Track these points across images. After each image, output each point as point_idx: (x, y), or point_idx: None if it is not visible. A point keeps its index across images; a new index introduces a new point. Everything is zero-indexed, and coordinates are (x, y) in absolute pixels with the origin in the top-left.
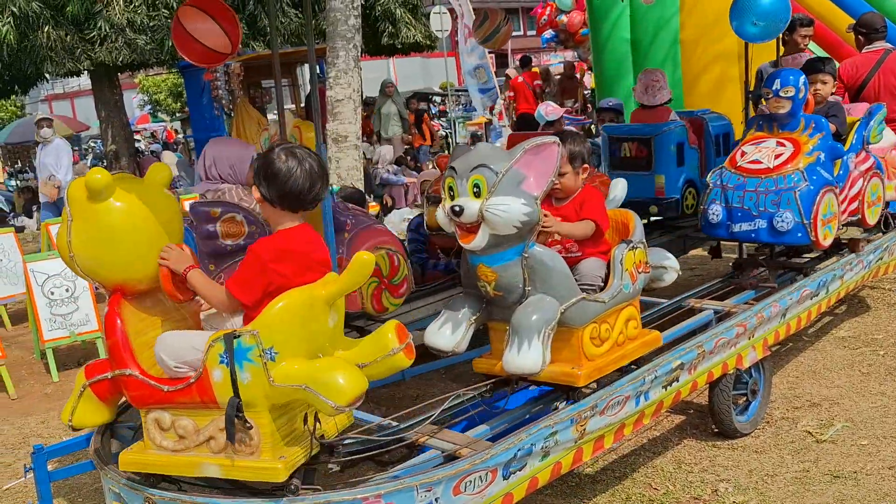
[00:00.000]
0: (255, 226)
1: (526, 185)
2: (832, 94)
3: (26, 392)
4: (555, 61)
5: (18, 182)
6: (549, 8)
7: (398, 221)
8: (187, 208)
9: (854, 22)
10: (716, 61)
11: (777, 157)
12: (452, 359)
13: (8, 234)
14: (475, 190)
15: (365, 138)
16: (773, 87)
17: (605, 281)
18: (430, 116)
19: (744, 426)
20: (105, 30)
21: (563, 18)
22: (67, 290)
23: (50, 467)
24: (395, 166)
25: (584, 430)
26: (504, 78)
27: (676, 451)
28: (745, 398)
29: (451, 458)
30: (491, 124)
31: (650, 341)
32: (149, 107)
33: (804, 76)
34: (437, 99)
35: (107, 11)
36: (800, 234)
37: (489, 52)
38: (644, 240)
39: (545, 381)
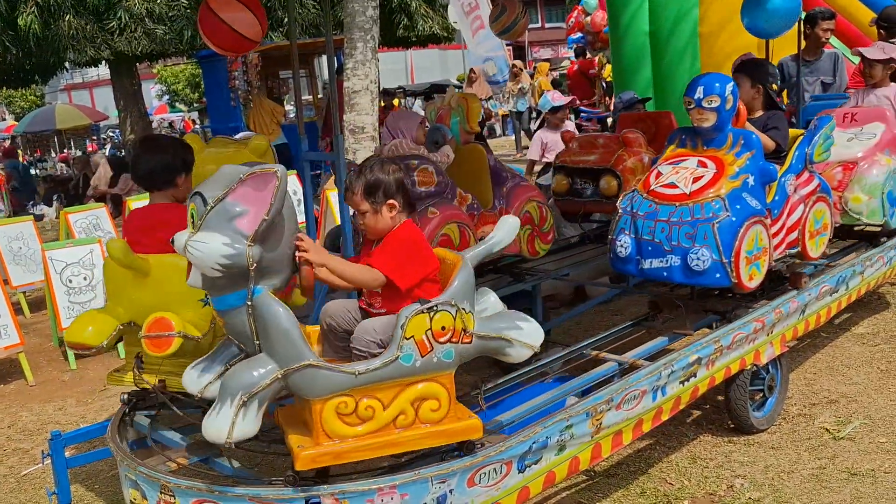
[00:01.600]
0: (442, 176)
1: (240, 222)
2: (754, 98)
3: (44, 379)
4: (572, 54)
5: (38, 171)
6: (576, 11)
7: None
8: None
9: (876, 16)
10: (735, 54)
11: (696, 180)
12: None
13: (27, 223)
14: (191, 220)
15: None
16: (695, 96)
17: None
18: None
19: (760, 422)
20: (125, 19)
21: (588, 19)
22: (86, 279)
23: (67, 454)
24: None
25: (601, 424)
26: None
27: (692, 446)
28: (761, 394)
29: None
30: (508, 116)
31: (458, 432)
32: (167, 97)
33: (732, 83)
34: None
35: (126, 2)
36: (718, 275)
37: (507, 44)
38: (466, 299)
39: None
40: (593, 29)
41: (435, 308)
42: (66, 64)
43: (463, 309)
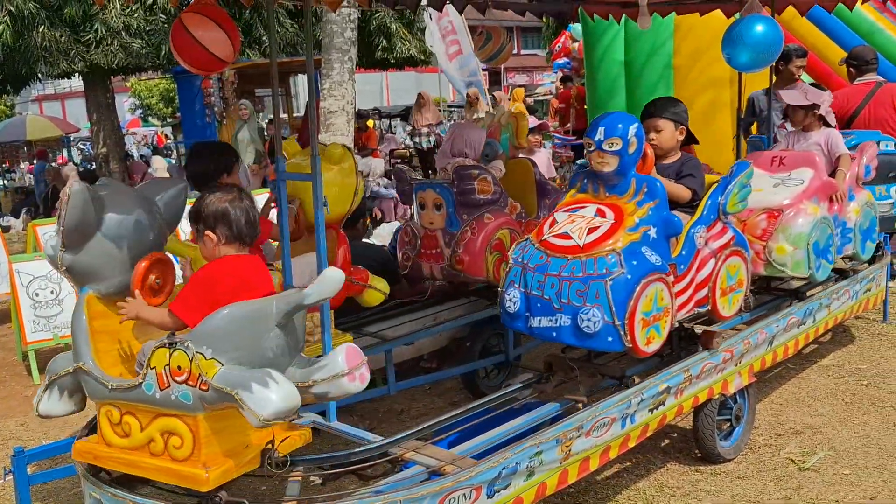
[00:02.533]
0: (498, 186)
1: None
2: (678, 140)
3: (7, 394)
4: (547, 81)
5: (6, 182)
6: (563, 36)
7: (387, 235)
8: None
9: (846, 55)
10: (708, 87)
11: (591, 231)
12: (438, 374)
13: None
14: None
15: (357, 151)
16: (595, 138)
17: None
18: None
19: (727, 451)
20: (101, 32)
21: (575, 45)
22: (52, 293)
23: (30, 471)
24: (386, 179)
25: (570, 450)
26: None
27: (659, 474)
28: (729, 424)
29: (435, 474)
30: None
31: (184, 477)
32: (139, 111)
33: (637, 124)
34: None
35: (103, 14)
36: (610, 339)
37: (484, 70)
38: (210, 345)
39: None
40: (580, 56)
41: (174, 345)
42: (39, 75)
43: (200, 353)
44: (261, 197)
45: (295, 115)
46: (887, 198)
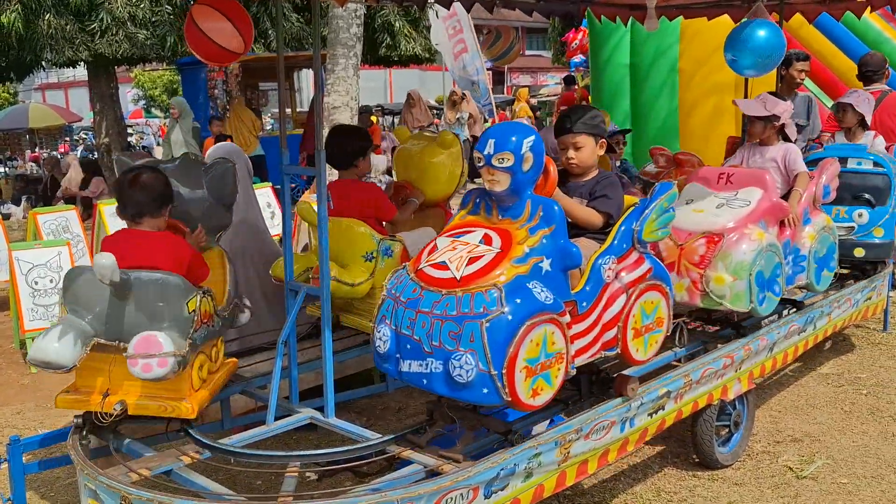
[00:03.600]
0: None
1: None
2: (599, 156)
3: (3, 382)
4: (551, 82)
5: (7, 169)
6: (581, 33)
7: None
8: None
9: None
10: (713, 91)
11: (472, 261)
12: None
13: None
14: None
15: None
16: (485, 152)
17: None
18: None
19: (725, 458)
20: (107, 22)
21: None
22: (52, 281)
23: (25, 459)
24: (388, 176)
25: (568, 452)
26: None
27: (656, 479)
28: (727, 430)
29: (432, 473)
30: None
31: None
32: (142, 101)
33: (534, 136)
34: (433, 112)
35: (109, 4)
36: (486, 390)
37: (487, 69)
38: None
39: None
40: None
41: None
42: (43, 63)
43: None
44: (262, 190)
45: (298, 109)
46: (846, 220)
